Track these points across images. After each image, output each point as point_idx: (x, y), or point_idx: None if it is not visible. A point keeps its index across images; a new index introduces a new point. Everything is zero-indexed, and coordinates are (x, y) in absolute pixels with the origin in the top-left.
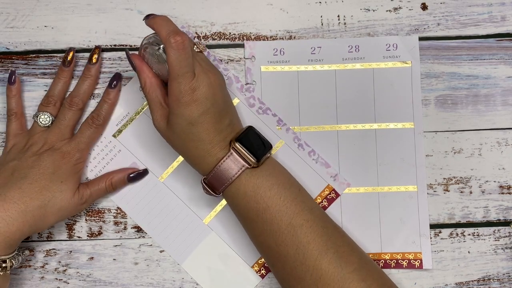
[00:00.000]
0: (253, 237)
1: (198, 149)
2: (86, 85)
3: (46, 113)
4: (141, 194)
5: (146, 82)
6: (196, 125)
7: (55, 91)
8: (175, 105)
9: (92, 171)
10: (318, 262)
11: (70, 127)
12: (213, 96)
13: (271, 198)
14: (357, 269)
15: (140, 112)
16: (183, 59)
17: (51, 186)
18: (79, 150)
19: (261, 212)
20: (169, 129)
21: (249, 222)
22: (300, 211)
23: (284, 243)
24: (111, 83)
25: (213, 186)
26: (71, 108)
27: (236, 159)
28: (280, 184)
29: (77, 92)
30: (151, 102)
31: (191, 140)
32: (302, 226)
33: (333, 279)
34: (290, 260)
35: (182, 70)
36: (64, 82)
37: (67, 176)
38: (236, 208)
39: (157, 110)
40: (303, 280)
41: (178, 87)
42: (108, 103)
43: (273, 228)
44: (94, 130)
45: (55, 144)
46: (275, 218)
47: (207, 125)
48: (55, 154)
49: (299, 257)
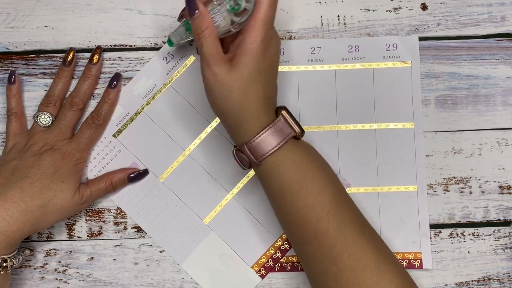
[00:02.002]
0: (292, 212)
1: (258, 101)
2: (86, 85)
3: (46, 113)
4: (141, 194)
5: (208, 27)
6: (265, 74)
7: (55, 91)
8: (254, 46)
9: (92, 171)
10: (358, 241)
11: (71, 127)
12: (278, 54)
13: (317, 169)
14: (389, 254)
15: (140, 112)
16: (275, 1)
17: (52, 186)
18: (79, 150)
19: (308, 183)
20: (233, 72)
21: (291, 194)
22: (341, 188)
23: (327, 218)
24: (111, 83)
25: (257, 150)
26: (72, 108)
27: (284, 126)
28: (321, 159)
29: (78, 92)
30: (209, 46)
31: (256, 90)
32: (345, 202)
33: (371, 260)
34: (330, 237)
35: (271, 13)
36: (64, 82)
37: (67, 176)
38: (278, 178)
39: (215, 55)
40: (341, 260)
41: (263, 28)
42: (108, 103)
43: (318, 202)
44: (94, 130)
45: (56, 144)
46: (321, 191)
47: (272, 78)
48: (56, 154)
49: (340, 234)
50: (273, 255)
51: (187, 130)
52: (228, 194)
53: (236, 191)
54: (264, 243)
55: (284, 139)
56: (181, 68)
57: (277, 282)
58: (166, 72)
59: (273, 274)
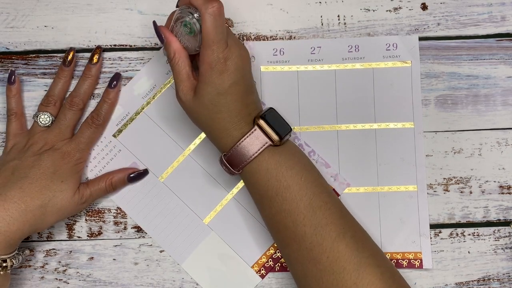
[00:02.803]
0: (270, 216)
1: (225, 121)
2: (86, 85)
3: (46, 113)
4: (141, 194)
5: (175, 53)
6: (225, 96)
7: (55, 91)
8: (207, 73)
9: (92, 171)
10: (336, 244)
11: (71, 127)
12: (242, 69)
13: (292, 177)
14: (372, 255)
15: (140, 112)
16: (219, 25)
17: (52, 186)
18: (79, 150)
19: (282, 191)
20: (196, 100)
21: (268, 200)
22: (319, 192)
23: (303, 223)
24: (110, 83)
25: (234, 161)
26: (72, 108)
27: (259, 135)
28: (301, 165)
29: (78, 92)
30: (178, 73)
31: (219, 112)
32: (321, 207)
33: (350, 262)
34: (307, 241)
35: (217, 37)
36: (64, 82)
37: (67, 176)
38: (255, 185)
39: (184, 81)
40: (319, 262)
41: (212, 54)
42: (108, 103)
43: (292, 208)
44: (94, 130)
45: (56, 144)
46: (295, 198)
47: (235, 96)
48: (56, 154)
49: (317, 238)
50: (273, 255)
51: (187, 130)
52: (228, 194)
53: (236, 191)
54: (264, 243)
55: (260, 148)
56: None
57: (277, 282)
58: (166, 72)
59: (273, 274)
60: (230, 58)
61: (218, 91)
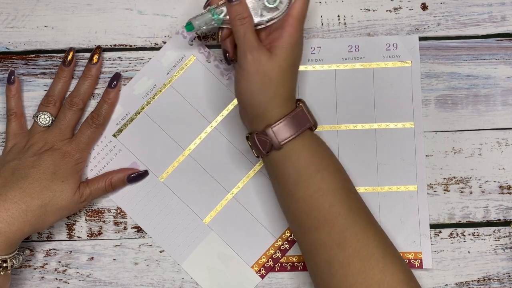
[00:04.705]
0: (304, 197)
1: (279, 95)
2: (86, 85)
3: (46, 113)
4: (141, 194)
5: (249, 15)
6: (295, 68)
7: (55, 91)
8: (293, 40)
9: (92, 170)
10: (366, 229)
11: (71, 127)
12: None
13: (329, 158)
14: (393, 246)
15: (140, 112)
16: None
17: (52, 186)
18: (79, 149)
19: (322, 169)
20: (274, 62)
21: (306, 179)
22: (349, 179)
23: (339, 204)
24: (111, 83)
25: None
26: (72, 108)
27: (304, 115)
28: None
29: (78, 92)
30: (252, 33)
31: (289, 81)
32: (353, 192)
33: (378, 249)
34: (340, 222)
35: (304, 12)
36: (64, 82)
37: (67, 175)
38: (294, 163)
39: (258, 42)
40: (350, 246)
41: (300, 29)
42: (108, 102)
43: (330, 187)
44: (94, 130)
45: (56, 144)
46: (334, 178)
47: (297, 72)
48: (56, 154)
49: (350, 220)
50: (273, 255)
51: (187, 130)
52: (228, 194)
53: (236, 191)
54: (264, 243)
55: (302, 127)
56: (181, 67)
57: (277, 282)
58: (166, 72)
59: (273, 274)
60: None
61: (294, 61)
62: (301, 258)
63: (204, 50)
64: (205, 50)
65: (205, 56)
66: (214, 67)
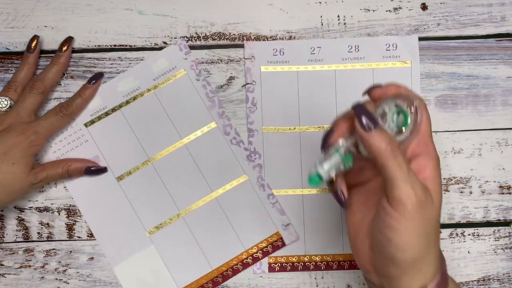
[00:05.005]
0: None
1: (438, 241)
2: (52, 72)
3: (5, 97)
4: (95, 188)
5: (393, 141)
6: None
7: (17, 78)
8: (439, 185)
9: (55, 152)
10: None
11: (30, 110)
12: None
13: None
14: None
15: (117, 109)
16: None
17: (2, 168)
18: (36, 132)
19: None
20: (434, 203)
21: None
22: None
23: None
24: (90, 80)
25: None
26: (32, 91)
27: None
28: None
29: (41, 77)
30: (406, 164)
31: (431, 241)
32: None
33: None
34: None
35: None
36: (28, 68)
37: (19, 158)
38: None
39: (417, 179)
40: None
41: (434, 145)
42: (82, 97)
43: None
44: (59, 118)
45: (11, 125)
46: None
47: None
48: (10, 134)
49: None
50: (204, 284)
51: (157, 139)
52: (178, 212)
53: (185, 213)
54: (199, 270)
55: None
56: (169, 78)
57: (277, 282)
58: (153, 78)
59: (273, 274)
60: None
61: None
62: (301, 258)
63: (196, 67)
64: (197, 68)
65: (195, 74)
66: (201, 86)
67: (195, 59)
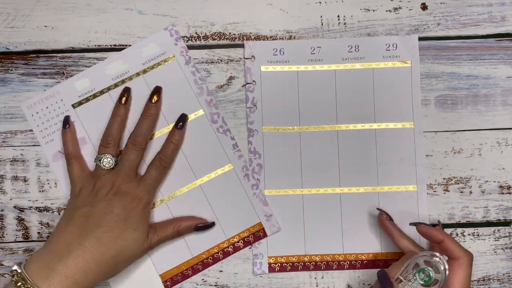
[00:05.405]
0: None
1: None
2: (147, 124)
3: (108, 155)
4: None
5: None
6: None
7: (112, 131)
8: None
9: (41, 132)
10: None
11: (135, 168)
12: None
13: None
14: None
15: (105, 92)
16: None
17: (124, 235)
18: (147, 192)
19: None
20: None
21: None
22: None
23: None
24: (177, 124)
25: None
26: (135, 148)
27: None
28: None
29: (139, 132)
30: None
31: None
32: None
33: None
34: None
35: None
36: (121, 121)
37: (138, 223)
38: None
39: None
40: None
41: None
42: (174, 143)
43: None
44: (161, 171)
45: (123, 186)
46: None
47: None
48: (125, 199)
49: None
50: (184, 271)
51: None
52: (162, 197)
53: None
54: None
55: None
56: (158, 63)
57: (277, 282)
58: (142, 62)
59: (273, 274)
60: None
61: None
62: (301, 258)
63: (186, 54)
64: (187, 54)
65: (185, 59)
66: (190, 72)
67: (184, 46)
